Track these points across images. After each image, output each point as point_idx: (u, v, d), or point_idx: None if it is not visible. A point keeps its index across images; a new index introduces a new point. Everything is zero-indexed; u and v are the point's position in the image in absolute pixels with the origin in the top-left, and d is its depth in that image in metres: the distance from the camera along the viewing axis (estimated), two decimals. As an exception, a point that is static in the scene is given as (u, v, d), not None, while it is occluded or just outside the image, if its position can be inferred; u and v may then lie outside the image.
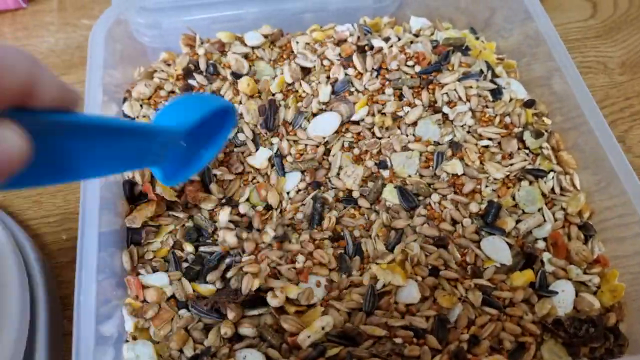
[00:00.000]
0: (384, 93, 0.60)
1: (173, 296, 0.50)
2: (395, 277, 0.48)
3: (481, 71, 0.61)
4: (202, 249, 0.53)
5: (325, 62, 0.63)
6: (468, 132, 0.59)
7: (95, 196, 0.48)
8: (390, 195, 0.55)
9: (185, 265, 0.52)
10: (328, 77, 0.62)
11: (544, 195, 0.55)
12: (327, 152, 0.59)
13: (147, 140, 0.35)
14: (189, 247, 0.52)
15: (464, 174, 0.56)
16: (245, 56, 0.63)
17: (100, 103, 0.55)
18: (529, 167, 0.56)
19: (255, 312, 0.48)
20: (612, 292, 0.50)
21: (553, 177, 0.55)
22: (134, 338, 0.48)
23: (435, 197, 0.55)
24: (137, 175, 0.55)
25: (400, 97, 0.60)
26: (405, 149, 0.57)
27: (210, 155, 0.47)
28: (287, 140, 0.59)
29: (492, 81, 0.61)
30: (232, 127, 0.46)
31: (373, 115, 0.59)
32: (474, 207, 0.54)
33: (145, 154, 0.36)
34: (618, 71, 0.77)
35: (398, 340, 0.46)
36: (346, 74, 0.62)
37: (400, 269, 0.49)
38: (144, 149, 0.35)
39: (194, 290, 0.50)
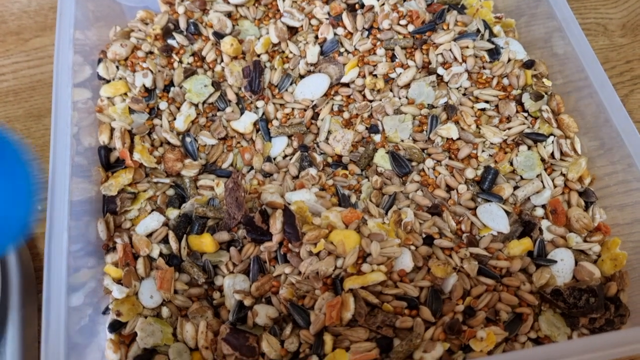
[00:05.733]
0: (375, 54, 0.57)
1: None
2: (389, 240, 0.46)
3: (478, 30, 0.58)
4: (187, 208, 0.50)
5: (313, 22, 0.59)
6: (464, 94, 0.56)
7: (65, 162, 0.46)
8: (382, 161, 0.52)
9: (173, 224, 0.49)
10: (316, 37, 0.59)
11: (543, 160, 0.52)
12: (316, 116, 0.56)
13: None
14: (172, 213, 0.50)
15: (459, 139, 0.53)
16: (229, 15, 0.60)
17: (70, 65, 0.51)
18: (528, 131, 0.53)
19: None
20: (613, 260, 0.48)
21: (553, 142, 0.53)
22: (118, 313, 0.45)
23: (429, 163, 0.52)
24: (116, 141, 0.52)
25: (393, 58, 0.57)
26: (397, 112, 0.54)
27: (23, 208, 0.34)
28: (273, 103, 0.56)
29: (489, 41, 0.57)
30: (20, 160, 0.33)
31: (364, 77, 0.56)
32: (469, 173, 0.51)
33: None
34: (618, 33, 0.73)
35: (389, 311, 0.43)
36: (335, 34, 0.58)
37: (393, 232, 0.47)
38: None
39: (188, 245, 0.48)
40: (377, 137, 0.54)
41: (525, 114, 0.55)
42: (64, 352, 0.39)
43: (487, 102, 0.55)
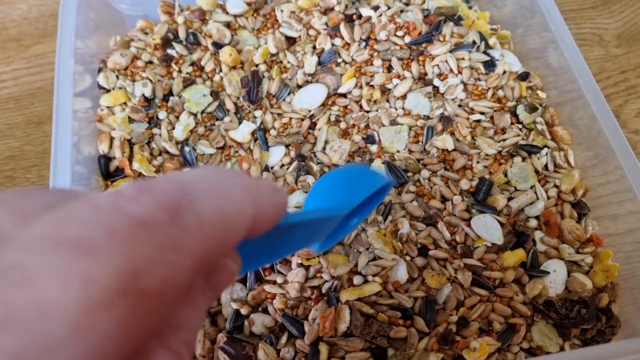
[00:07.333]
0: (372, 64, 0.58)
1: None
2: (385, 250, 0.46)
3: (474, 42, 0.58)
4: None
5: (311, 32, 0.60)
6: (459, 105, 0.56)
7: (66, 172, 0.46)
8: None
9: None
10: (314, 48, 0.59)
11: (537, 171, 0.53)
12: (313, 125, 0.56)
13: (325, 225, 0.34)
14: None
15: (454, 150, 0.53)
16: (227, 25, 0.60)
17: (71, 74, 0.52)
18: (522, 142, 0.54)
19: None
20: (605, 272, 0.48)
21: (547, 153, 0.53)
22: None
23: (424, 174, 0.52)
24: (115, 150, 0.52)
25: (389, 68, 0.58)
26: (394, 123, 0.55)
27: (359, 220, 0.43)
28: (271, 113, 0.56)
29: (485, 53, 0.58)
30: (384, 197, 0.42)
31: (361, 87, 0.57)
32: (464, 184, 0.52)
33: (318, 234, 0.35)
34: (614, 43, 0.74)
35: (384, 321, 0.44)
36: (333, 44, 0.59)
37: (390, 242, 0.47)
38: (320, 231, 0.34)
39: None
40: (373, 148, 0.54)
41: (520, 126, 0.55)
42: None
43: (482, 113, 0.55)
